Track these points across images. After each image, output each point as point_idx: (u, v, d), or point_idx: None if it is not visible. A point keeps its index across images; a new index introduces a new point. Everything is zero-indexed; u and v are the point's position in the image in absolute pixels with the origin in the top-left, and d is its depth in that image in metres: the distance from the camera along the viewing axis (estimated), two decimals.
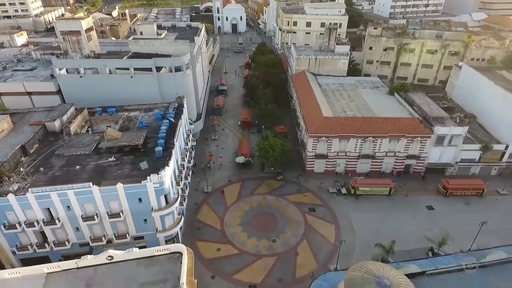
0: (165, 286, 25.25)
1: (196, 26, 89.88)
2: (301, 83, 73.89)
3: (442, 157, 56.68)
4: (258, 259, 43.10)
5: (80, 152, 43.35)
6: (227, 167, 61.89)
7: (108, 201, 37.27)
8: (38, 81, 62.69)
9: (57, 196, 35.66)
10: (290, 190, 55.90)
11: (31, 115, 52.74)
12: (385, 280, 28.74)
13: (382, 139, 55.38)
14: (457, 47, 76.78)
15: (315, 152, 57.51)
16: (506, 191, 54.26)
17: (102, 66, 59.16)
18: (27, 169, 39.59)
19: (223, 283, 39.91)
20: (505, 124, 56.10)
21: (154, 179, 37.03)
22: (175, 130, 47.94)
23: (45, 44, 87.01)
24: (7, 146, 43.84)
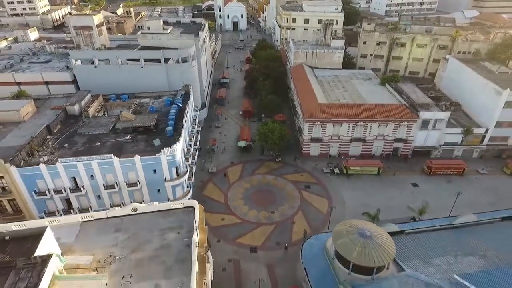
0: (181, 231, 30.25)
1: (199, 22, 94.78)
2: (299, 75, 78.87)
3: (427, 140, 61.74)
4: (258, 227, 48.19)
5: (99, 132, 48.43)
6: (229, 151, 66.94)
7: (127, 172, 42.30)
8: (55, 72, 67.90)
9: (82, 166, 40.70)
10: (287, 170, 60.98)
11: (51, 101, 57.78)
12: (366, 231, 33.97)
13: (372, 124, 60.40)
14: (445, 41, 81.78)
15: (311, 136, 62.56)
16: (486, 170, 59.32)
17: (115, 57, 64.22)
18: (53, 145, 44.69)
19: (228, 246, 44.98)
20: (485, 110, 61.04)
21: (167, 152, 42.09)
22: (183, 114, 53.00)
23: (58, 39, 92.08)
24: (33, 126, 48.95)
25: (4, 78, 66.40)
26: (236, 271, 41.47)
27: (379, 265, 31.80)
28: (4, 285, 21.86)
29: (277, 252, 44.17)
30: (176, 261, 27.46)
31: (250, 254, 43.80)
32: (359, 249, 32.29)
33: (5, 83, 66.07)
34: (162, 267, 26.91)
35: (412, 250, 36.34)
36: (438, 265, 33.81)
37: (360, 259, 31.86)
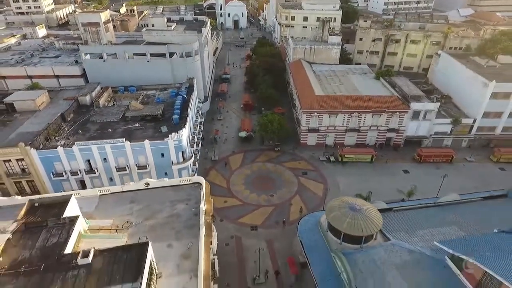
0: (190, 203, 33.70)
1: (202, 19, 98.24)
2: (297, 69, 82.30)
3: (419, 130, 65.16)
4: (258, 208, 51.69)
5: (110, 120, 51.94)
6: (231, 141, 70.41)
7: (137, 155, 45.84)
8: (65, 66, 71.41)
9: (96, 149, 44.22)
10: (286, 158, 64.45)
11: (63, 92, 61.25)
12: (356, 206, 37.56)
13: (366, 114, 63.82)
14: (437, 37, 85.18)
15: (308, 126, 65.99)
16: (473, 158, 62.78)
17: (123, 51, 67.67)
18: (69, 131, 48.20)
19: (230, 224, 48.46)
20: (473, 101, 64.41)
21: (174, 137, 45.62)
22: (188, 104, 56.54)
23: (65, 35, 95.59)
24: (49, 114, 52.46)
25: (17, 72, 69.95)
26: (238, 246, 44.98)
27: (367, 234, 35.30)
28: (37, 241, 25.34)
29: (276, 230, 47.65)
30: (185, 227, 30.93)
31: (250, 232, 47.30)
32: (349, 220, 35.81)
33: (18, 77, 69.61)
34: (173, 231, 30.38)
35: (399, 224, 39.79)
36: (421, 236, 37.26)
37: (350, 229, 35.38)
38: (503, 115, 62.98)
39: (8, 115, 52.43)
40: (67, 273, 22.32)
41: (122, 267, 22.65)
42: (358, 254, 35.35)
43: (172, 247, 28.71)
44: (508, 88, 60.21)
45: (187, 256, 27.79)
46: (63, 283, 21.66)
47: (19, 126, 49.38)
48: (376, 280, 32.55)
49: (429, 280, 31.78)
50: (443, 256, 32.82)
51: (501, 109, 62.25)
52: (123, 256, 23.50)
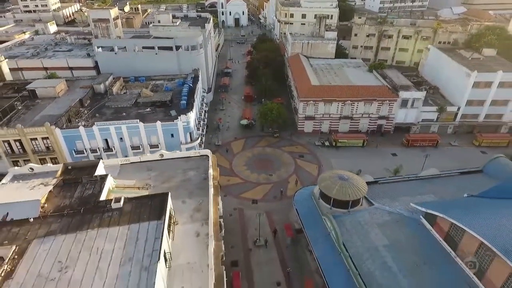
0: (199, 170, 38.80)
1: (205, 16, 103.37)
2: (295, 63, 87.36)
3: (407, 118, 70.25)
4: (258, 186, 56.83)
5: (124, 105, 57.08)
6: (233, 129, 75.54)
7: (150, 135, 50.94)
8: (79, 58, 76.54)
9: (114, 129, 49.35)
10: (284, 143, 69.56)
11: (78, 82, 66.31)
12: (344, 176, 42.62)
13: (358, 103, 68.89)
14: (427, 32, 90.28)
15: (305, 114, 71.08)
16: (457, 143, 67.89)
17: (133, 45, 72.76)
18: (87, 114, 53.34)
19: (233, 199, 53.58)
20: (458, 91, 69.46)
21: (183, 118, 50.74)
22: (194, 91, 61.67)
23: (75, 31, 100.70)
24: (67, 100, 57.60)
25: (34, 64, 75.18)
26: (240, 216, 50.12)
27: (353, 199, 40.40)
28: (75, 193, 30.46)
29: (274, 203, 52.78)
30: (196, 188, 35.98)
31: (251, 205, 52.42)
32: (338, 188, 40.94)
33: (34, 68, 74.83)
34: (186, 191, 35.43)
35: (383, 193, 44.78)
36: (401, 201, 42.27)
37: (339, 195, 40.49)
38: (485, 103, 68.05)
39: (30, 101, 57.56)
40: (103, 214, 27.43)
41: (148, 210, 27.77)
42: (346, 216, 40.45)
43: (186, 203, 33.81)
44: (489, 78, 65.27)
45: (199, 210, 32.89)
46: (101, 221, 26.77)
47: (41, 110, 54.52)
48: (360, 237, 37.64)
49: (406, 235, 36.86)
50: (418, 216, 37.97)
51: (483, 97, 67.32)
52: (148, 202, 28.62)
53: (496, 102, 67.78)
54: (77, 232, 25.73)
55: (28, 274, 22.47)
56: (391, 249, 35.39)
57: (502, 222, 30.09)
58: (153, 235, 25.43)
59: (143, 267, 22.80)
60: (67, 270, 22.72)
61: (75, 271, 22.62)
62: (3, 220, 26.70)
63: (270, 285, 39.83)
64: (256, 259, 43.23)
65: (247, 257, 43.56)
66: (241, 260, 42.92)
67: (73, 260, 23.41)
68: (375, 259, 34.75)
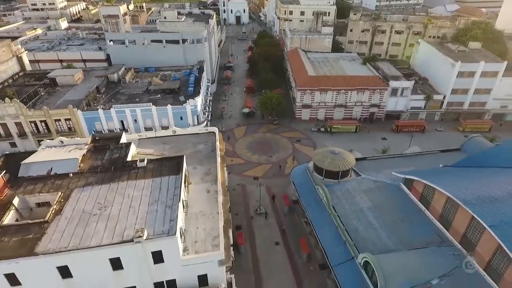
0: (207, 144, 44.25)
1: (208, 13, 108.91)
2: (294, 56, 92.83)
3: (397, 106, 75.72)
4: (259, 165, 62.38)
5: (136, 92, 62.64)
6: (235, 117, 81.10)
7: (161, 118, 56.43)
8: (92, 51, 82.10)
9: (129, 112, 54.85)
10: (283, 130, 75.09)
11: (93, 72, 71.78)
12: (335, 150, 48.12)
13: (352, 92, 74.35)
14: (418, 28, 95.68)
15: (302, 102, 76.58)
16: (442, 128, 73.36)
17: (142, 38, 78.28)
18: (104, 99, 58.89)
19: (236, 176, 59.07)
20: (444, 80, 74.87)
21: (191, 102, 56.25)
22: (200, 80, 67.18)
23: (87, 27, 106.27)
24: (84, 88, 63.08)
25: (50, 56, 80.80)
26: (243, 190, 55.69)
27: (343, 170, 45.84)
28: (105, 156, 35.96)
29: (274, 180, 58.31)
30: (205, 158, 41.41)
31: (253, 181, 57.94)
32: (329, 160, 46.41)
33: (50, 60, 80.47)
34: (197, 160, 40.84)
35: (370, 168, 50.25)
36: (385, 173, 47.67)
37: (330, 166, 45.94)
38: (469, 92, 73.50)
39: (51, 88, 63.07)
40: (130, 171, 32.96)
41: (167, 168, 33.31)
42: (336, 186, 45.94)
43: (197, 169, 39.27)
44: (472, 68, 70.69)
45: (208, 174, 38.36)
46: (129, 176, 32.31)
47: (62, 96, 60.03)
48: (348, 201, 43.13)
49: (387, 199, 42.30)
50: (398, 183, 43.42)
51: (466, 86, 72.75)
52: (167, 163, 34.16)
53: (479, 90, 73.21)
54: (110, 183, 31.28)
55: (74, 211, 28.00)
56: (374, 210, 40.86)
57: (463, 181, 35.66)
58: (173, 185, 30.98)
59: (167, 206, 28.35)
60: (106, 208, 28.27)
61: (112, 209, 28.16)
62: (48, 174, 32.21)
63: (270, 245, 45.38)
64: (257, 224, 48.80)
65: (249, 222, 49.12)
66: (244, 225, 48.46)
67: (109, 202, 28.97)
68: (360, 218, 40.25)
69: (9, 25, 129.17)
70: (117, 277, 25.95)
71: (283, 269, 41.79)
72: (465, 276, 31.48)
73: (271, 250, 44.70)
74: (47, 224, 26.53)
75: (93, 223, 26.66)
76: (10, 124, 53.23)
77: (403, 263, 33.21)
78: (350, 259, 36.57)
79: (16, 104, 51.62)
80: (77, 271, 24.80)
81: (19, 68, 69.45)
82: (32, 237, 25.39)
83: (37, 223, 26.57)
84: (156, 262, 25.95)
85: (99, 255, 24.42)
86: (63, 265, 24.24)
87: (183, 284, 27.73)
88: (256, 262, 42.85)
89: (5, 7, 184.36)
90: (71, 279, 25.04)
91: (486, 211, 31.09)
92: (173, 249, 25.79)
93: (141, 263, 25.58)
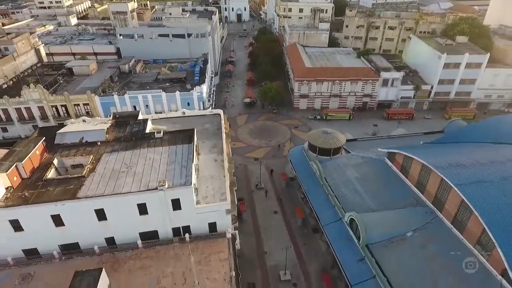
0: (213, 123, 49.73)
1: (211, 9, 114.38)
2: (292, 50, 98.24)
3: (388, 95, 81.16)
4: (259, 148, 67.96)
5: (147, 81, 68.13)
6: (237, 106, 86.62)
7: (170, 103, 61.91)
8: (103, 45, 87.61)
9: (141, 98, 60.33)
10: (282, 118, 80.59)
11: (106, 63, 77.29)
12: (328, 131, 53.59)
13: (346, 82, 79.78)
14: (410, 23, 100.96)
15: (300, 93, 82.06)
16: (430, 116, 78.83)
17: (150, 33, 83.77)
18: (118, 87, 64.41)
19: (238, 157, 64.55)
20: (432, 72, 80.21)
21: (197, 89, 61.74)
22: (204, 70, 72.69)
23: (96, 23, 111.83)
24: (99, 77, 68.55)
25: (63, 50, 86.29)
26: (245, 169, 61.22)
27: (334, 147, 51.36)
28: (126, 129, 41.47)
29: (273, 160, 63.81)
30: (212, 134, 46.82)
31: (254, 161, 63.42)
32: (322, 139, 51.94)
33: (64, 54, 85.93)
34: (204, 136, 46.17)
35: (359, 147, 55.75)
36: (372, 151, 53.17)
37: (323, 144, 51.46)
38: (455, 82, 78.87)
39: (69, 77, 68.58)
40: (149, 141, 38.53)
41: (181, 138, 38.88)
42: (328, 161, 51.42)
43: (205, 143, 44.73)
44: (457, 60, 76.07)
45: (215, 146, 43.86)
46: (148, 144, 37.86)
47: (79, 84, 65.55)
48: (338, 174, 48.59)
49: (372, 171, 47.75)
50: (383, 158, 48.87)
51: (452, 77, 78.12)
52: (180, 135, 39.73)
53: (464, 81, 78.61)
54: (133, 149, 36.90)
55: (105, 169, 33.58)
56: (361, 180, 46.35)
57: (437, 152, 41.20)
58: (186, 151, 36.57)
59: (182, 166, 33.96)
60: (132, 167, 33.85)
61: (137, 168, 33.74)
62: (80, 141, 37.73)
63: (268, 213, 50.93)
64: (257, 196, 54.39)
65: (250, 195, 54.69)
66: (246, 197, 53.97)
67: (134, 163, 34.56)
68: (348, 187, 45.75)
69: (17, 22, 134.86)
70: (143, 221, 31.49)
71: (280, 233, 47.29)
72: (435, 229, 37.02)
73: (270, 217, 50.25)
74: (84, 179, 32.11)
75: (122, 177, 32.25)
76: (34, 108, 58.71)
77: (382, 220, 38.75)
78: (338, 219, 42.09)
79: (40, 90, 57.11)
80: (111, 214, 30.34)
81: (37, 59, 74.98)
82: (72, 187, 30.96)
83: (75, 177, 32.17)
84: (174, 209, 31.48)
85: (129, 200, 29.95)
86: (99, 208, 29.75)
87: (196, 230, 33.26)
88: (257, 227, 48.39)
89: (13, 5, 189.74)
90: (105, 221, 30.58)
91: (453, 173, 36.55)
92: (188, 198, 31.33)
93: (163, 209, 31.11)
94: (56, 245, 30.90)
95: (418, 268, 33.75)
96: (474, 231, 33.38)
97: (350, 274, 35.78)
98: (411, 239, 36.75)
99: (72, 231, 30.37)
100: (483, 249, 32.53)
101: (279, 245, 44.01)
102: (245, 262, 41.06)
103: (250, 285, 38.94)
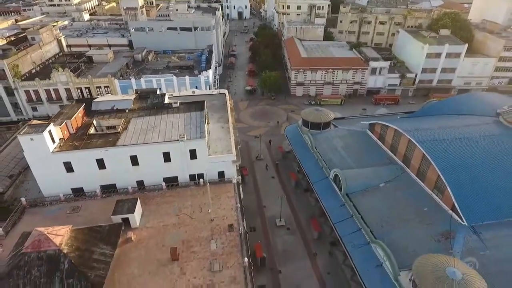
0: (219, 100, 57.80)
1: (215, 6, 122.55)
2: (290, 44, 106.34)
3: (376, 83, 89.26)
4: (259, 128, 76.12)
5: (159, 68, 76.34)
6: (239, 94, 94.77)
7: (180, 86, 70.03)
8: (116, 38, 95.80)
9: (155, 81, 68.47)
10: (279, 103, 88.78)
11: (120, 53, 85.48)
12: (319, 108, 61.75)
13: (337, 71, 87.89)
14: (399, 19, 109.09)
15: (296, 80, 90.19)
16: (414, 101, 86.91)
17: (160, 26, 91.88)
18: (133, 73, 72.60)
19: (240, 135, 72.08)
20: (416, 61, 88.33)
21: (204, 74, 69.88)
22: (210, 59, 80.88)
23: (108, 18, 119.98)
24: (116, 64, 76.75)
25: (80, 42, 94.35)
26: (246, 145, 69.39)
27: (324, 122, 59.42)
28: (147, 101, 49.56)
29: (271, 136, 71.96)
30: (219, 109, 54.86)
31: (254, 139, 71.55)
32: (314, 115, 60.06)
33: (80, 45, 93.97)
34: (212, 110, 54.32)
35: (347, 124, 63.93)
36: (357, 126, 61.28)
37: (314, 119, 59.54)
38: (437, 71, 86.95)
39: (89, 64, 76.78)
40: (168, 109, 46.66)
41: (194, 107, 47.04)
42: (318, 134, 59.53)
43: (213, 115, 52.85)
44: (438, 50, 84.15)
45: (221, 117, 51.94)
46: (168, 111, 45.98)
47: (99, 70, 73.73)
48: (326, 143, 56.70)
49: (356, 141, 55.81)
50: (365, 130, 56.98)
51: (434, 65, 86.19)
52: (193, 105, 47.88)
53: (445, 69, 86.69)
54: (156, 115, 45.02)
55: (135, 128, 41.71)
56: (345, 147, 54.49)
57: (408, 121, 49.30)
58: (199, 116, 44.75)
59: (197, 126, 42.13)
60: (156, 127, 42.00)
61: (161, 127, 41.87)
62: (112, 108, 45.87)
63: (267, 178, 59.11)
64: (257, 166, 62.56)
65: (251, 165, 62.87)
66: (247, 166, 62.08)
67: (157, 124, 42.71)
68: (334, 153, 53.87)
69: (30, 19, 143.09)
70: (167, 167, 39.62)
71: (276, 192, 55.39)
72: (403, 181, 45.17)
73: (268, 181, 58.45)
74: (119, 134, 40.28)
75: (149, 133, 40.47)
76: (61, 89, 66.85)
77: (360, 174, 46.87)
78: (325, 177, 50.21)
79: (67, 73, 65.27)
80: (142, 160, 38.49)
81: (59, 49, 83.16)
82: (111, 140, 39.11)
83: (112, 133, 40.35)
84: (192, 158, 39.61)
85: (157, 148, 38.09)
86: (134, 154, 37.90)
87: (208, 177, 41.36)
88: (257, 188, 56.61)
89: (24, 3, 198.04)
90: (137, 166, 38.73)
91: (418, 134, 44.73)
92: (203, 149, 39.48)
93: (182, 157, 39.25)
94: (98, 185, 39.00)
95: (386, 208, 41.90)
96: (432, 178, 41.57)
97: (333, 215, 43.94)
98: (383, 188, 44.93)
99: (111, 174, 38.47)
100: (438, 191, 40.75)
101: (275, 202, 52.12)
102: (248, 213, 49.18)
103: (252, 229, 47.12)
